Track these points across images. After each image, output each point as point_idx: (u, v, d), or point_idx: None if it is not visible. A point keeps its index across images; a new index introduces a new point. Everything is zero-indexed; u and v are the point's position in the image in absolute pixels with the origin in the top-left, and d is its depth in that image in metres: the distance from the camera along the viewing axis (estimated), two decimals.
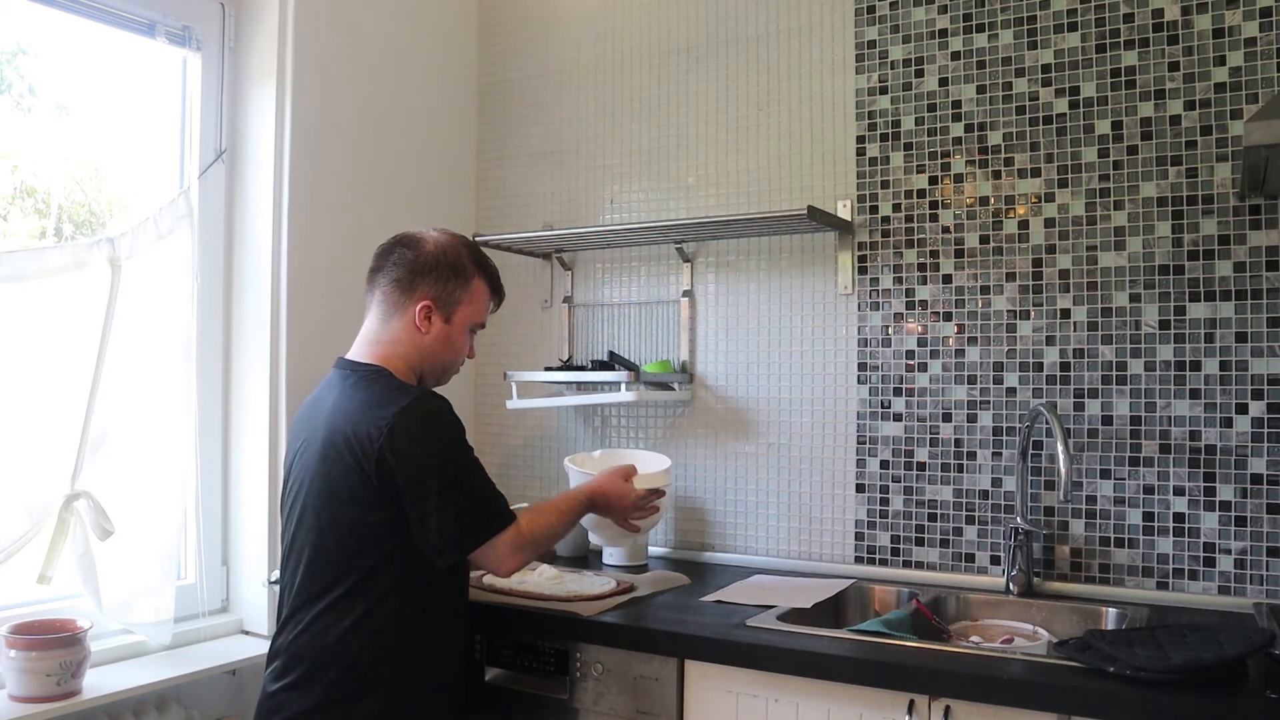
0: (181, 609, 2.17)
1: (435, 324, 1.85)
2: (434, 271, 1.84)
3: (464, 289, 1.87)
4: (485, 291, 1.92)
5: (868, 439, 2.41)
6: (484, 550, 1.74)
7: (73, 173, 2.24)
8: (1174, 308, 2.11)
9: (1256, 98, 2.05)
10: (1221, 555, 2.06)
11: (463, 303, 1.87)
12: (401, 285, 1.84)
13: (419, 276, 1.84)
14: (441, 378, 1.93)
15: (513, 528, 1.76)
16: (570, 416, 2.81)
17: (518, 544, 1.76)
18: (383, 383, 1.78)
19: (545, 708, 2.01)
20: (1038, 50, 2.25)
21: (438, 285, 1.84)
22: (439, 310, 1.85)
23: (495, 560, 1.76)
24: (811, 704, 1.75)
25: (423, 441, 1.70)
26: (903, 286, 2.38)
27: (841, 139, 2.46)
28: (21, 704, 1.78)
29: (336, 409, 1.77)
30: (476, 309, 1.90)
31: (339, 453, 1.72)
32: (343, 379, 1.83)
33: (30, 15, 2.09)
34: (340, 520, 1.72)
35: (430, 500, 1.69)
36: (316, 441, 1.78)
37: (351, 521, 1.72)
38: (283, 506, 1.87)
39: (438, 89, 2.83)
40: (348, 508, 1.71)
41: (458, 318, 1.87)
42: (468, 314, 1.88)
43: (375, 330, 1.87)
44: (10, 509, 1.92)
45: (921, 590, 2.22)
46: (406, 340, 1.84)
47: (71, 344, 2.02)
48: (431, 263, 1.85)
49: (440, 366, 1.89)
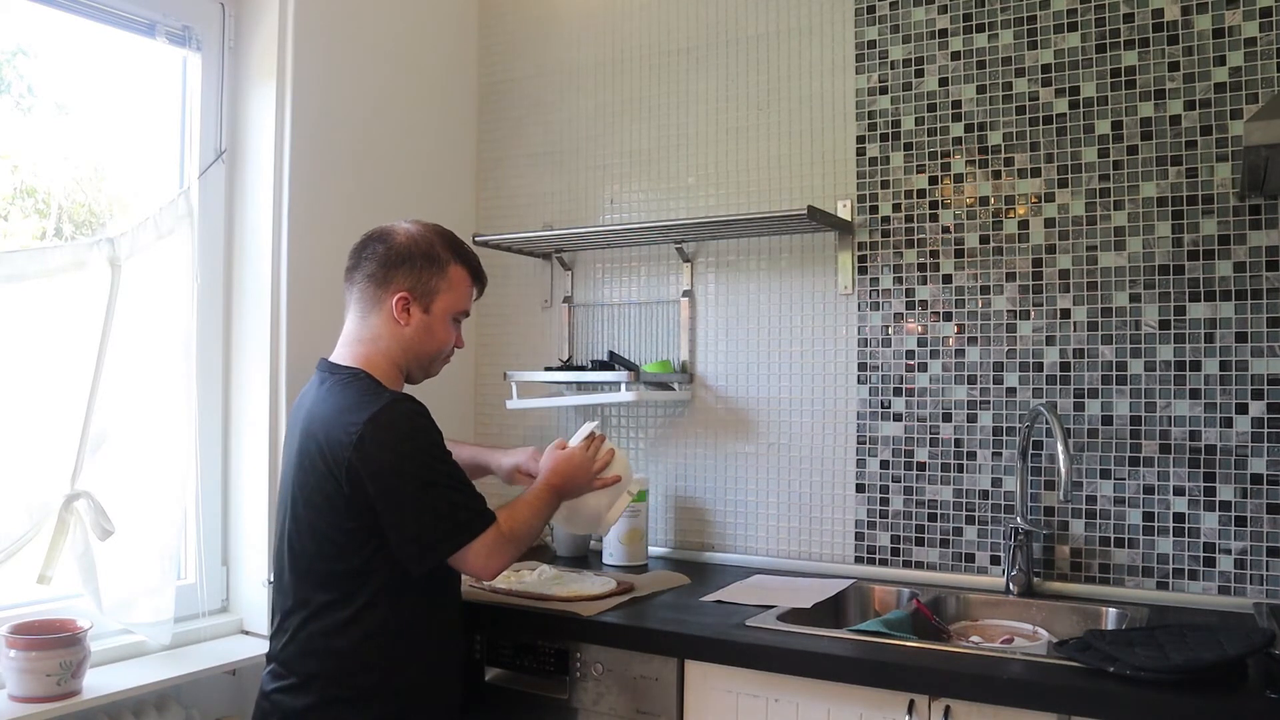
0: (181, 609, 2.17)
1: (414, 315, 1.82)
2: (407, 262, 1.81)
3: (440, 277, 1.84)
4: (465, 278, 1.88)
5: (868, 439, 2.41)
6: (462, 554, 1.70)
7: (73, 173, 2.24)
8: (1174, 308, 2.11)
9: (1256, 98, 2.05)
10: (1221, 555, 2.06)
11: (440, 291, 1.84)
12: (376, 279, 1.82)
13: (393, 269, 1.81)
14: (429, 369, 1.90)
15: (491, 529, 1.72)
16: (570, 416, 2.81)
17: (497, 544, 1.72)
18: (357, 387, 1.75)
19: (545, 708, 2.01)
20: (1038, 50, 2.25)
21: (412, 275, 1.82)
22: (416, 301, 1.82)
23: (476, 564, 1.72)
24: (811, 704, 1.75)
25: (394, 448, 1.67)
26: (903, 286, 2.38)
27: (841, 139, 2.46)
28: (21, 704, 1.78)
29: (312, 413, 1.76)
30: (457, 296, 1.87)
31: (312, 460, 1.72)
32: (320, 382, 1.81)
33: (30, 15, 2.09)
34: (317, 527, 1.72)
35: (404, 508, 1.67)
36: (294, 445, 1.78)
37: (328, 528, 1.71)
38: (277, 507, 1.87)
39: (437, 89, 2.83)
40: (324, 514, 1.71)
41: (437, 306, 1.84)
42: (448, 302, 1.85)
43: (355, 329, 1.85)
44: (10, 509, 1.92)
45: (921, 590, 2.22)
46: (387, 335, 1.82)
47: (71, 344, 2.01)
48: (404, 253, 1.82)
49: (425, 358, 1.87)
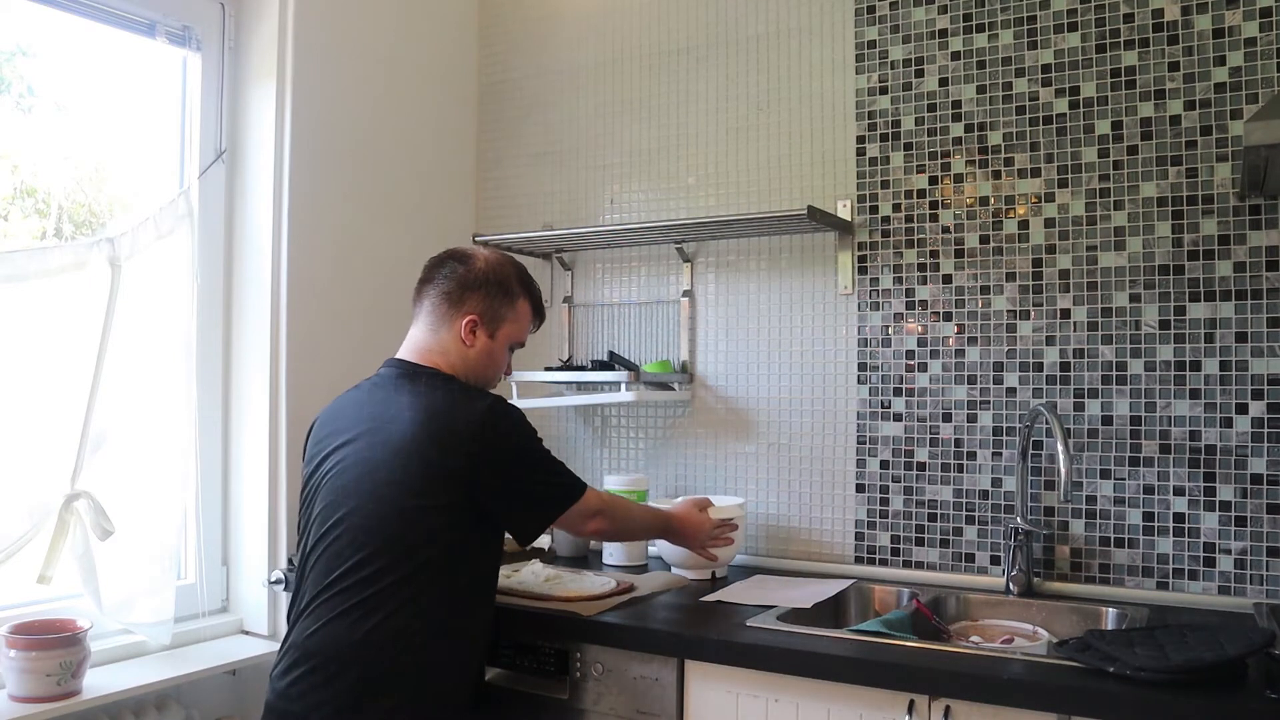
0: (181, 609, 2.17)
1: (480, 338, 1.92)
2: (483, 288, 1.92)
3: (509, 307, 1.95)
4: (528, 312, 2.00)
5: (868, 439, 2.41)
6: (568, 514, 1.87)
7: (73, 173, 2.24)
8: (1174, 308, 2.11)
9: (1256, 98, 2.05)
10: (1221, 555, 2.06)
11: (507, 320, 1.94)
12: (451, 298, 1.92)
13: (468, 291, 1.92)
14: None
15: (591, 493, 1.91)
16: (570, 416, 2.81)
17: (599, 507, 1.92)
18: (457, 384, 1.87)
19: (545, 708, 2.01)
20: (1038, 50, 2.25)
21: (485, 301, 1.92)
22: (484, 325, 1.92)
23: (583, 515, 1.89)
24: (811, 704, 1.75)
25: (511, 435, 1.81)
26: (903, 286, 2.38)
27: (841, 139, 2.46)
28: (21, 704, 1.78)
29: (413, 404, 1.80)
30: (519, 328, 1.98)
31: (418, 444, 1.75)
32: (406, 377, 1.86)
33: (30, 15, 2.09)
34: (407, 512, 1.73)
35: (520, 483, 1.82)
36: (380, 434, 1.79)
37: (417, 511, 1.73)
38: (307, 500, 1.86)
39: (437, 89, 2.84)
40: (417, 499, 1.74)
41: (501, 334, 1.94)
42: (510, 332, 1.96)
43: (424, 339, 1.93)
44: (10, 509, 1.92)
45: (921, 590, 2.22)
46: (453, 351, 1.91)
47: (72, 344, 2.02)
48: (481, 279, 1.92)
49: (481, 379, 1.94)
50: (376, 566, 1.71)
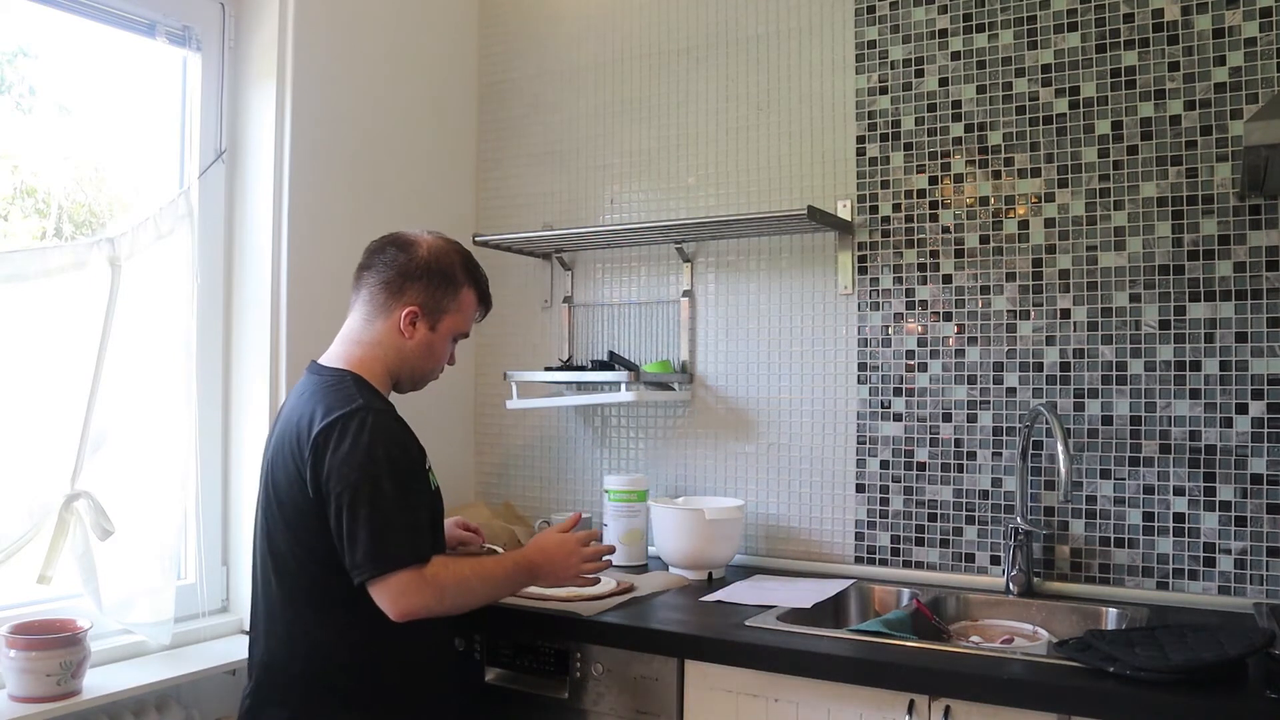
0: (181, 609, 2.17)
1: (419, 330, 1.81)
2: (425, 278, 1.80)
3: (452, 298, 1.83)
4: (473, 301, 1.88)
5: (868, 439, 2.41)
6: (377, 583, 1.61)
7: (73, 173, 2.24)
8: (1174, 308, 2.11)
9: (1256, 98, 2.05)
10: (1221, 555, 2.06)
11: (449, 311, 1.83)
12: (390, 287, 1.80)
13: (409, 280, 1.80)
14: (417, 384, 1.90)
15: (412, 569, 1.62)
16: (570, 416, 2.81)
17: (414, 586, 1.61)
18: (341, 391, 1.72)
19: (545, 708, 2.01)
20: (1038, 50, 2.25)
21: (427, 292, 1.81)
22: (425, 317, 1.81)
23: (387, 597, 1.61)
24: (811, 704, 1.75)
25: (346, 457, 1.63)
26: (903, 286, 2.37)
27: (841, 139, 2.46)
28: (21, 704, 1.78)
29: (290, 415, 1.75)
30: (463, 318, 1.87)
31: (284, 459, 1.71)
32: (307, 384, 1.80)
33: (31, 16, 2.09)
34: (292, 525, 1.70)
35: (343, 516, 1.62)
36: (272, 446, 1.78)
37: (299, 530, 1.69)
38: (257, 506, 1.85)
39: (437, 89, 2.83)
40: (295, 515, 1.70)
41: (443, 326, 1.83)
42: (453, 323, 1.85)
43: (357, 330, 1.83)
44: (10, 509, 1.92)
45: (921, 590, 2.22)
46: (388, 343, 1.81)
47: (71, 344, 2.01)
48: (423, 268, 1.81)
49: (418, 373, 1.87)
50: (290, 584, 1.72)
